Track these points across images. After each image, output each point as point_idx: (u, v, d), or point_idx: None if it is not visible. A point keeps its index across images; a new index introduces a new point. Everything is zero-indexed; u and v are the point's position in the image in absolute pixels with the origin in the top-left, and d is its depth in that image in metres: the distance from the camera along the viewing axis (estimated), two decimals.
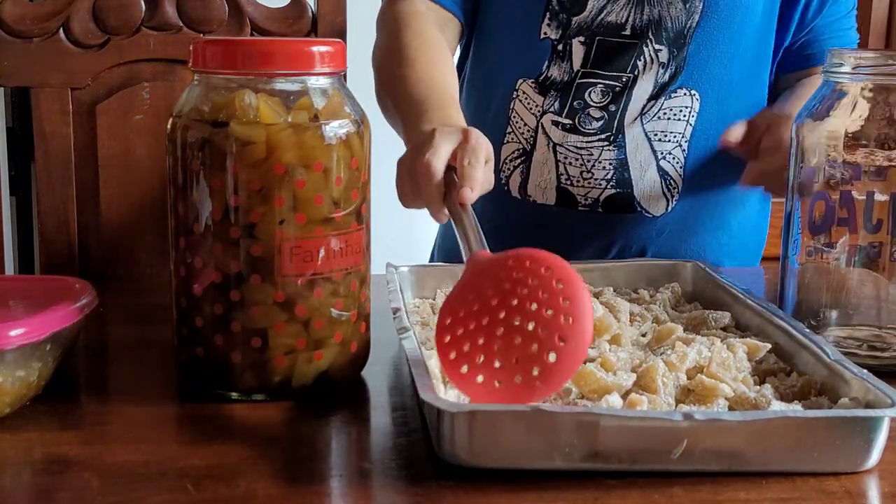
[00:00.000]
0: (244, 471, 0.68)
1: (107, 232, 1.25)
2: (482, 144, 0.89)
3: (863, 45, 2.50)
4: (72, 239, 1.24)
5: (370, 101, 1.38)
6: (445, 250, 1.42)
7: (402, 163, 0.93)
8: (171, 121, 0.80)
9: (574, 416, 0.67)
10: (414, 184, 0.89)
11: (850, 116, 0.90)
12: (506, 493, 0.65)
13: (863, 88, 0.90)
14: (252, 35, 1.26)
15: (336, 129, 0.79)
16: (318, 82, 0.80)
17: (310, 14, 1.28)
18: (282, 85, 0.79)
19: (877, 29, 2.59)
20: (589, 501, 0.64)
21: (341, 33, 1.28)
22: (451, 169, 0.87)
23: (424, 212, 0.91)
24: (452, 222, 0.85)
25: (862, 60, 0.90)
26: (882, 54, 0.90)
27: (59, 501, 0.65)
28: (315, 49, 0.79)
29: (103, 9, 1.22)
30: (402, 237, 2.28)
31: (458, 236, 0.84)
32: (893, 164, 0.89)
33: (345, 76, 0.85)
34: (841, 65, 0.91)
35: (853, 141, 0.90)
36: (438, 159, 0.86)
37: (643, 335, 0.87)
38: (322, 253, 0.78)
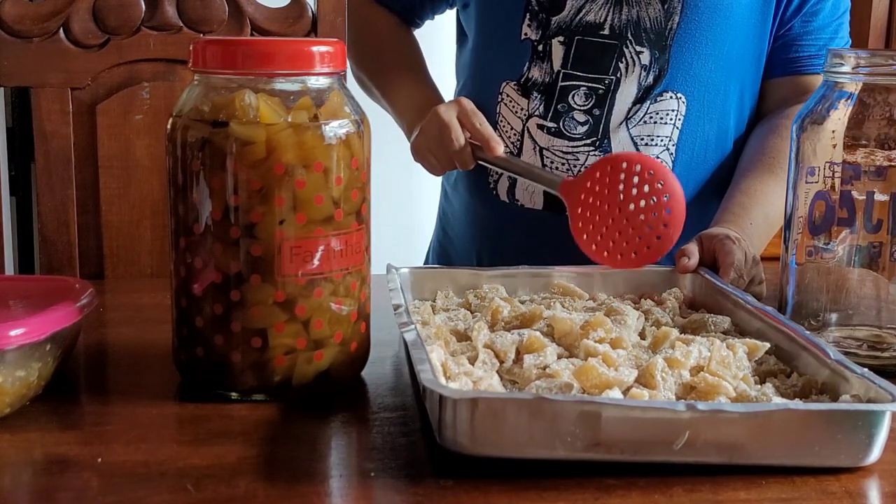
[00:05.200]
0: (244, 471, 0.68)
1: (106, 232, 1.25)
2: (474, 107, 1.16)
3: (863, 45, 2.51)
4: (72, 239, 1.24)
5: (370, 101, 1.38)
6: (439, 254, 1.43)
7: (420, 146, 1.19)
8: (171, 121, 0.80)
9: (576, 404, 0.67)
10: (445, 159, 1.16)
11: (848, 116, 0.90)
12: (506, 492, 0.65)
13: (863, 88, 0.90)
14: (252, 35, 1.26)
15: (336, 129, 0.79)
16: (318, 82, 0.80)
17: (310, 14, 1.28)
18: (282, 85, 0.79)
19: (877, 29, 2.59)
20: (589, 501, 0.64)
21: (341, 33, 1.28)
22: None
23: (424, 212, 0.94)
24: (505, 170, 1.15)
25: (862, 60, 0.90)
26: (882, 54, 0.90)
27: (59, 501, 0.65)
28: (315, 49, 0.79)
29: (103, 9, 1.22)
30: (402, 237, 2.28)
31: (520, 179, 1.18)
32: (893, 164, 0.89)
33: (345, 76, 0.85)
34: (841, 64, 0.91)
35: (853, 141, 0.90)
36: (460, 135, 1.13)
37: (643, 339, 0.87)
38: (322, 253, 0.78)
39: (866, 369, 0.74)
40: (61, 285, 0.87)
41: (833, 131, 0.91)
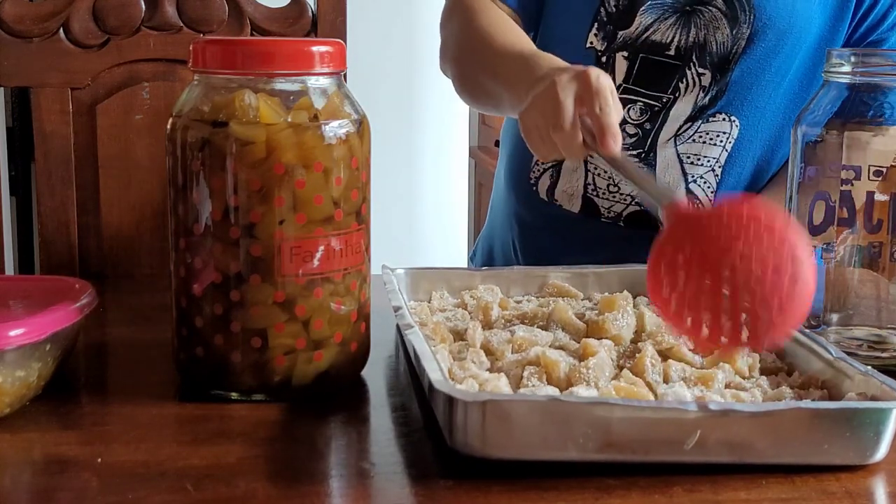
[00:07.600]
0: (244, 471, 0.68)
1: (107, 232, 1.25)
2: (604, 83, 0.89)
3: None
4: (72, 239, 1.24)
5: (370, 101, 1.38)
6: (483, 246, 1.42)
7: (527, 122, 0.94)
8: (171, 121, 0.80)
9: (589, 406, 0.67)
10: (550, 145, 0.91)
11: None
12: (506, 492, 0.65)
13: (863, 88, 0.90)
14: (252, 35, 1.26)
15: (336, 129, 0.79)
16: (318, 82, 0.80)
17: (310, 14, 1.28)
18: (282, 85, 0.79)
19: None
20: (589, 501, 0.64)
21: (341, 33, 1.28)
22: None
23: (425, 212, 0.92)
24: (613, 170, 0.91)
25: (861, 60, 0.90)
26: (881, 54, 0.90)
27: (59, 501, 0.65)
28: (315, 49, 0.80)
29: (103, 9, 1.22)
30: (402, 237, 2.28)
31: (626, 181, 0.93)
32: (893, 164, 0.89)
33: (345, 76, 0.85)
34: (841, 64, 0.91)
35: (853, 141, 0.90)
36: (569, 119, 0.88)
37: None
38: (322, 253, 0.78)
39: (869, 367, 0.75)
40: (61, 285, 0.87)
41: (834, 131, 0.91)
